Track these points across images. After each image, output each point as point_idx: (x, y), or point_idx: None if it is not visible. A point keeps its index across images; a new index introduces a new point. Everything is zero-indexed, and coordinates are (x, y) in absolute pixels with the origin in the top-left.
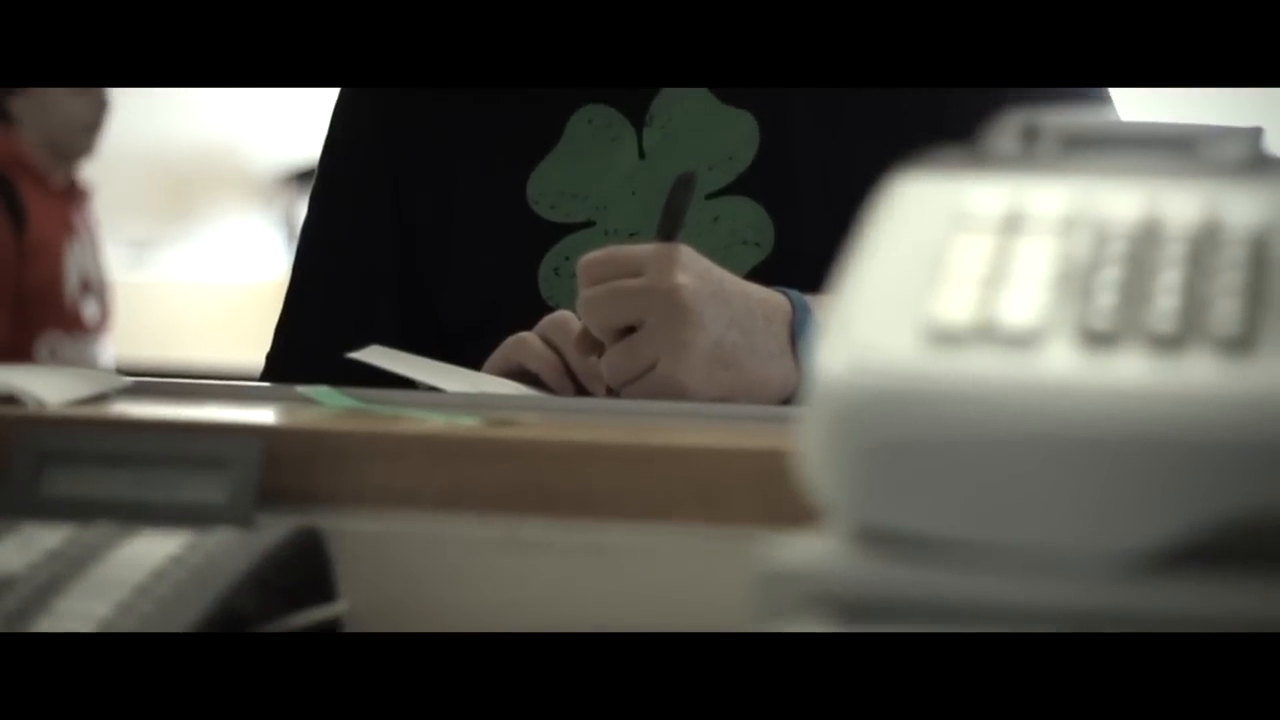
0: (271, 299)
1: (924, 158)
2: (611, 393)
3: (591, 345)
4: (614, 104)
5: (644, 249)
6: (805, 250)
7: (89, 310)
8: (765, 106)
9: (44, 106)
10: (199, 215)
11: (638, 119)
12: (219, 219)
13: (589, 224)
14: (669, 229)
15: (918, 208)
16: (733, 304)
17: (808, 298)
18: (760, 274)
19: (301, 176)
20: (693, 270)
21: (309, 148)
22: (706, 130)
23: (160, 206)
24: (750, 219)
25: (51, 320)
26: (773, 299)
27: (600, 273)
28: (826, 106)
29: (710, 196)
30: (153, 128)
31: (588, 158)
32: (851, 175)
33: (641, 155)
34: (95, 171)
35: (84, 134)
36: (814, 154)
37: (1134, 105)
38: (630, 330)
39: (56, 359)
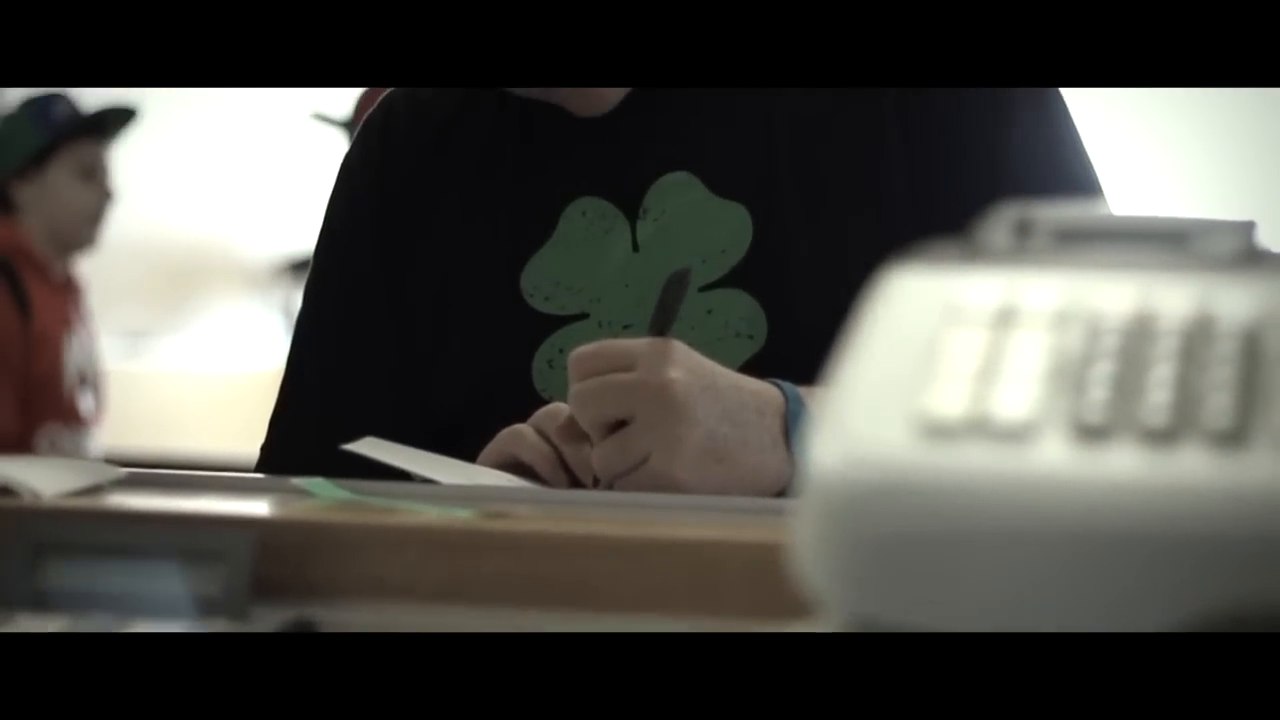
0: (267, 388)
1: (917, 251)
2: (599, 483)
3: (576, 434)
4: (608, 196)
5: (635, 344)
6: (798, 342)
7: (85, 403)
8: (758, 199)
9: (47, 195)
10: (195, 304)
11: (631, 211)
12: (215, 308)
13: (583, 316)
14: (661, 324)
15: (910, 301)
16: (725, 397)
17: (801, 390)
18: (754, 366)
19: (298, 266)
20: (684, 365)
21: (305, 237)
22: (700, 223)
23: (156, 296)
24: (743, 311)
25: (51, 412)
26: (765, 392)
27: (591, 367)
28: (818, 199)
29: (704, 289)
30: (149, 217)
31: (582, 250)
32: (844, 268)
33: (635, 248)
34: (92, 261)
35: (87, 225)
36: (807, 246)
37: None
38: (621, 424)
39: (55, 451)
